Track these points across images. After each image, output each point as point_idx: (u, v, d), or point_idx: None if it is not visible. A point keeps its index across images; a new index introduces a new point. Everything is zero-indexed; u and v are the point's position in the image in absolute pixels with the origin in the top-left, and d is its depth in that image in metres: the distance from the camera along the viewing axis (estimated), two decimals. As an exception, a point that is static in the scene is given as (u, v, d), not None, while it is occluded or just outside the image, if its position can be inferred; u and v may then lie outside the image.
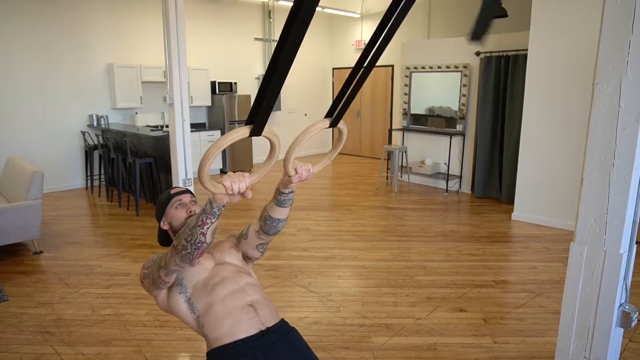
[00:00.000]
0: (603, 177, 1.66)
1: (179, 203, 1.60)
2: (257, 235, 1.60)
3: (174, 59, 4.60)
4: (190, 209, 1.59)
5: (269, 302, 1.56)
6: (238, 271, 1.58)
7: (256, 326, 1.44)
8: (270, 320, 1.49)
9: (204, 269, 1.55)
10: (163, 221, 1.62)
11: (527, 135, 5.21)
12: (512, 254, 4.40)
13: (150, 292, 1.54)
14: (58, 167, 6.72)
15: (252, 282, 1.58)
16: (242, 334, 1.41)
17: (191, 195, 1.66)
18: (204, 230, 1.25)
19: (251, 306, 1.47)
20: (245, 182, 1.16)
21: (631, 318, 1.71)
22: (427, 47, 7.06)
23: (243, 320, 1.43)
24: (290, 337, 1.50)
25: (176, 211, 1.59)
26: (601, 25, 1.61)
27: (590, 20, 4.47)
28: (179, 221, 1.58)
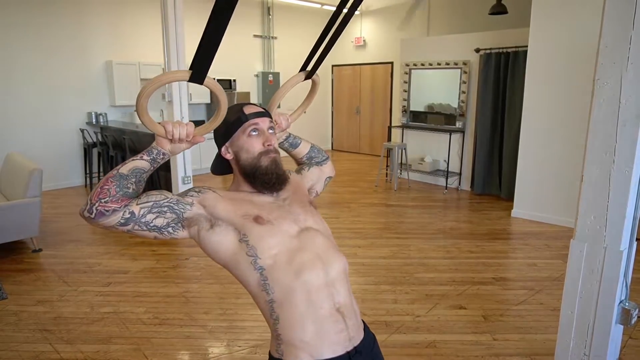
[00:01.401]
0: (603, 173, 1.66)
1: (254, 128, 1.20)
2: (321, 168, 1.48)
3: (172, 56, 4.59)
4: (268, 141, 1.20)
5: (354, 300, 1.23)
6: (329, 247, 1.20)
7: (343, 343, 1.13)
8: (357, 333, 1.19)
9: (285, 234, 1.15)
10: (226, 147, 1.22)
11: (526, 132, 5.20)
12: (511, 251, 4.40)
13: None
14: (57, 164, 6.71)
15: (342, 268, 1.20)
16: (327, 352, 1.10)
17: (270, 120, 1.25)
18: (127, 161, 1.06)
19: (340, 312, 1.14)
20: (187, 129, 1.07)
21: (631, 315, 1.71)
22: (426, 43, 7.04)
23: (329, 332, 1.11)
24: (372, 356, 1.23)
25: (249, 139, 1.19)
26: (602, 21, 1.60)
27: (590, 16, 4.45)
28: (250, 154, 1.19)
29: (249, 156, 1.19)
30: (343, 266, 1.21)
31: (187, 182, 4.83)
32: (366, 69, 9.60)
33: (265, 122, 1.21)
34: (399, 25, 8.71)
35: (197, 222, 1.12)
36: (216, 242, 1.12)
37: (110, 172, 1.05)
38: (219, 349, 2.74)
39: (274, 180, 1.19)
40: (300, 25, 9.49)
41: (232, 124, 1.20)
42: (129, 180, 1.04)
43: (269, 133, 1.21)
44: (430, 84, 6.94)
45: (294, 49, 9.52)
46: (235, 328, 2.94)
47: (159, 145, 1.09)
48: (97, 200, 1.00)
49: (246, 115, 1.20)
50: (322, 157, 1.49)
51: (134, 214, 1.04)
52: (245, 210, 1.15)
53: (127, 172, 1.04)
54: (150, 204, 1.07)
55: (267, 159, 1.19)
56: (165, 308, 3.21)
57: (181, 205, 1.11)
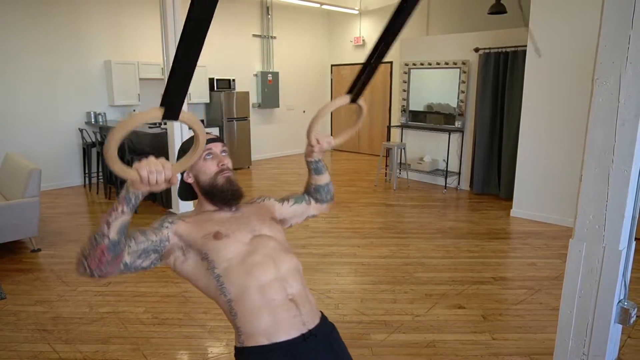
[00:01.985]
0: (602, 173, 1.66)
1: (208, 153, 1.35)
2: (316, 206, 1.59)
3: (171, 55, 4.58)
4: (222, 162, 1.36)
5: (308, 293, 1.36)
6: (280, 249, 1.35)
7: (298, 327, 1.25)
8: (312, 319, 1.31)
9: (237, 242, 1.30)
10: (187, 173, 1.38)
11: (526, 132, 5.20)
12: (510, 250, 4.40)
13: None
14: (56, 164, 6.70)
15: (295, 265, 1.35)
16: (282, 335, 1.23)
17: (223, 144, 1.41)
18: (111, 220, 1.05)
19: (293, 301, 1.27)
20: (165, 174, 1.01)
21: (630, 314, 1.71)
22: (425, 43, 7.04)
23: (284, 318, 1.24)
24: (331, 341, 1.35)
25: (205, 163, 1.34)
26: (601, 20, 1.60)
27: (589, 16, 4.45)
28: (208, 175, 1.34)
29: (206, 177, 1.35)
30: (294, 265, 1.35)
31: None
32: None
33: (217, 147, 1.39)
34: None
35: (172, 253, 1.29)
36: (188, 269, 1.30)
37: (101, 242, 1.07)
38: (218, 349, 2.74)
39: (229, 197, 1.35)
40: (299, 24, 9.49)
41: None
42: (120, 242, 1.11)
43: (222, 155, 1.38)
44: (430, 83, 6.94)
45: (293, 49, 9.52)
46: (235, 328, 2.94)
47: (136, 189, 1.05)
48: (97, 268, 1.10)
49: None
50: (326, 198, 1.59)
51: (127, 264, 1.18)
52: (206, 230, 1.30)
53: (117, 237, 1.09)
54: (139, 252, 1.20)
55: (222, 178, 1.35)
56: (164, 308, 3.20)
57: (163, 244, 1.26)
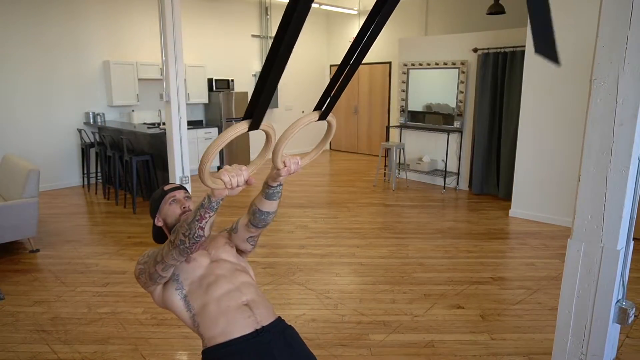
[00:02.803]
0: (600, 173, 1.66)
1: (172, 199, 1.61)
2: (247, 228, 1.60)
3: (170, 56, 4.58)
4: (184, 205, 1.60)
5: (265, 300, 1.56)
6: (233, 269, 1.58)
7: (251, 325, 1.43)
8: (266, 318, 1.49)
9: (199, 266, 1.54)
10: (157, 217, 1.63)
11: (524, 132, 5.21)
12: (509, 250, 4.40)
13: (146, 287, 1.54)
14: (54, 165, 6.70)
15: (247, 280, 1.57)
16: (237, 333, 1.41)
17: (185, 191, 1.67)
18: (202, 225, 1.25)
19: (247, 305, 1.47)
20: (243, 175, 1.15)
21: (628, 314, 1.71)
22: (424, 43, 7.04)
23: (238, 319, 1.43)
24: (286, 336, 1.50)
25: (170, 207, 1.60)
26: (599, 21, 1.60)
27: (587, 16, 4.46)
28: (173, 217, 1.59)
29: (172, 219, 1.59)
30: (247, 280, 1.57)
31: (186, 182, 4.82)
32: (364, 68, 9.60)
33: (180, 193, 1.63)
34: (397, 25, 8.71)
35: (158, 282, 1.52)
36: (165, 295, 1.53)
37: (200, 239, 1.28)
38: (217, 349, 2.73)
39: None
40: (298, 25, 9.47)
41: (157, 200, 1.63)
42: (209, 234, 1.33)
43: (184, 199, 1.62)
44: (428, 83, 6.95)
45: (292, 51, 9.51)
46: (233, 328, 2.94)
47: (218, 196, 1.22)
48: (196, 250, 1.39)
49: (165, 192, 1.63)
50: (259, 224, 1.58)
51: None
52: None
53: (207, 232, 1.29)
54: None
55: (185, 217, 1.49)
56: (163, 308, 3.19)
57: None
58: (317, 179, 7.58)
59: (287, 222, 5.18)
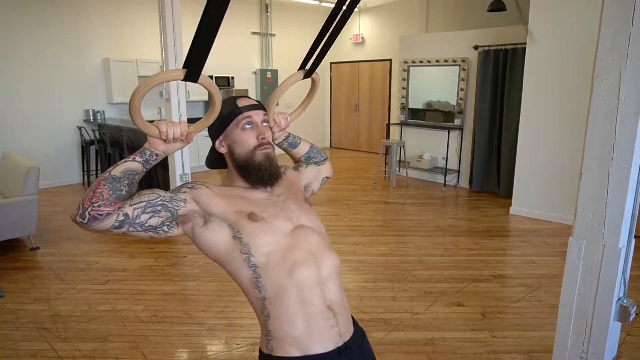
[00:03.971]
0: (602, 171, 1.65)
1: (247, 121, 1.18)
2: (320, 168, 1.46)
3: (170, 53, 4.57)
4: (262, 134, 1.18)
5: (344, 297, 1.23)
6: (323, 246, 1.20)
7: (334, 339, 1.13)
8: (348, 328, 1.19)
9: (278, 231, 1.14)
10: (220, 141, 1.21)
11: (525, 129, 5.20)
12: (510, 248, 4.40)
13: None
14: (54, 162, 6.69)
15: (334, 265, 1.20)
16: (316, 347, 1.11)
17: (264, 113, 1.23)
18: (119, 162, 1.04)
19: (330, 309, 1.14)
20: (181, 128, 1.07)
21: (629, 312, 1.71)
22: (425, 41, 7.02)
23: (320, 328, 1.12)
24: (362, 350, 1.23)
25: (243, 133, 1.18)
26: (601, 17, 1.59)
27: (589, 13, 4.45)
28: (245, 148, 1.17)
29: (242, 150, 1.18)
30: (336, 264, 1.21)
31: (186, 180, 4.82)
32: (364, 66, 9.58)
33: (259, 115, 1.20)
34: (398, 22, 8.69)
35: (190, 219, 1.11)
36: (210, 238, 1.11)
37: (102, 175, 1.02)
38: (217, 347, 2.73)
39: (267, 176, 1.19)
40: (298, 22, 9.46)
41: (226, 117, 1.19)
42: (121, 182, 1.02)
43: (263, 126, 1.20)
44: (429, 81, 6.93)
45: (292, 46, 9.50)
46: (234, 326, 2.94)
47: (152, 146, 1.08)
48: (90, 204, 0.99)
49: (239, 108, 1.18)
50: (320, 157, 1.48)
51: (128, 216, 1.02)
52: (239, 206, 1.14)
53: (119, 175, 1.02)
54: (143, 204, 1.05)
55: (261, 154, 1.18)
56: (163, 306, 3.20)
57: (175, 203, 1.10)
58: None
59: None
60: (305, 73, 1.28)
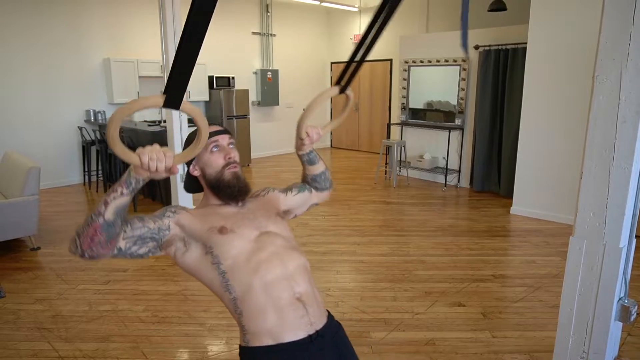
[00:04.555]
0: (603, 170, 1.65)
1: (215, 145, 1.31)
2: (317, 195, 1.55)
3: (171, 53, 4.57)
4: (229, 155, 1.31)
5: (316, 292, 1.32)
6: (287, 247, 1.31)
7: (305, 328, 1.22)
8: (319, 319, 1.28)
9: (243, 238, 1.26)
10: (193, 165, 1.34)
11: (526, 129, 5.20)
12: (510, 248, 4.40)
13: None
14: (55, 162, 6.70)
15: (302, 264, 1.31)
16: (288, 336, 1.20)
17: (230, 136, 1.36)
18: (109, 200, 1.04)
19: (300, 301, 1.24)
20: (166, 162, 1.01)
21: (630, 312, 1.71)
22: (425, 40, 7.02)
23: (291, 318, 1.21)
24: (338, 341, 1.32)
25: (212, 155, 1.30)
26: (602, 16, 1.59)
27: (590, 13, 4.44)
28: (215, 169, 1.30)
29: (213, 170, 1.31)
30: (302, 263, 1.31)
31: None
32: (365, 66, 9.47)
33: (224, 139, 1.34)
34: (398, 22, 8.68)
35: (173, 243, 1.24)
36: (189, 258, 1.25)
37: (97, 220, 1.05)
38: (217, 347, 2.74)
39: (236, 192, 1.32)
40: (299, 22, 9.46)
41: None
42: (115, 224, 1.08)
43: (229, 148, 1.34)
44: (429, 81, 6.93)
45: (292, 46, 9.51)
46: (234, 326, 2.93)
47: (137, 174, 1.05)
48: (89, 247, 1.06)
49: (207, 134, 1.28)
50: (325, 185, 1.56)
51: (121, 249, 1.14)
52: (212, 223, 1.27)
53: (112, 217, 1.06)
54: (135, 239, 1.16)
55: (229, 173, 1.31)
56: (164, 306, 3.20)
57: (162, 233, 1.21)
58: (318, 176, 7.58)
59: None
60: (341, 88, 1.31)
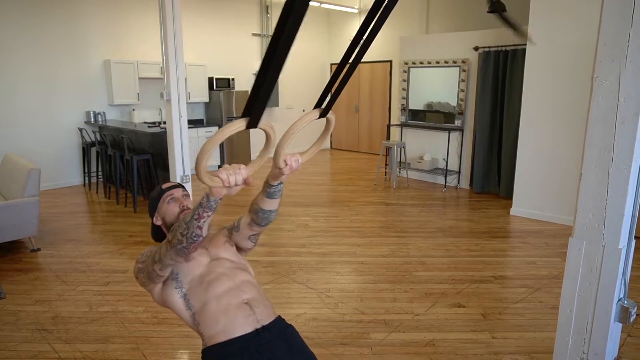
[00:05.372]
0: (602, 171, 1.65)
1: (170, 198, 1.60)
2: (249, 227, 1.60)
3: (171, 54, 4.57)
4: (182, 204, 1.59)
5: (265, 299, 1.55)
6: (234, 267, 1.57)
7: (252, 324, 1.44)
8: (267, 318, 1.49)
9: (199, 265, 1.54)
10: (156, 216, 1.61)
11: (525, 130, 5.20)
12: (510, 249, 4.40)
13: (145, 286, 1.54)
14: (55, 164, 6.70)
15: (248, 279, 1.57)
16: (238, 332, 1.41)
17: (183, 189, 1.65)
18: (201, 224, 1.24)
19: (247, 304, 1.47)
20: (242, 174, 1.13)
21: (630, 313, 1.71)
22: (425, 42, 7.03)
23: (239, 318, 1.43)
24: (286, 335, 1.51)
25: (168, 206, 1.59)
26: (600, 18, 1.60)
27: (589, 14, 4.45)
28: (172, 216, 1.57)
29: (171, 218, 1.57)
30: (248, 279, 1.56)
31: (186, 182, 4.82)
32: (365, 67, 9.59)
33: (178, 191, 1.62)
34: (398, 23, 8.69)
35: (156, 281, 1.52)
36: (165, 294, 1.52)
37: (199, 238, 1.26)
38: (217, 348, 2.73)
39: None
40: (298, 23, 9.46)
41: (155, 198, 1.61)
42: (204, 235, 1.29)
43: (183, 198, 1.60)
44: (429, 82, 6.93)
45: (292, 48, 9.49)
46: (234, 327, 2.94)
47: (216, 195, 1.19)
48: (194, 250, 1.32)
49: (163, 190, 1.60)
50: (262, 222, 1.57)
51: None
52: None
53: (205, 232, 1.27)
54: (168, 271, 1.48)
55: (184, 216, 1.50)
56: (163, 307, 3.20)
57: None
58: (317, 177, 7.58)
59: (287, 220, 5.17)
60: (321, 112, 1.23)
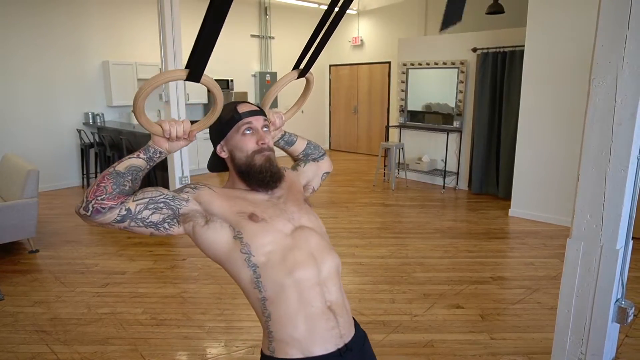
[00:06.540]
0: (599, 173, 1.66)
1: (248, 127, 1.19)
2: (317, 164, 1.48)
3: (169, 56, 4.58)
4: (262, 140, 1.20)
5: (345, 298, 1.23)
6: (323, 247, 1.20)
7: (334, 341, 1.13)
8: (348, 330, 1.19)
9: (278, 232, 1.15)
10: (222, 146, 1.23)
11: (524, 131, 5.21)
12: (509, 250, 4.41)
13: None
14: (54, 165, 6.69)
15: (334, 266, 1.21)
16: (317, 349, 1.11)
17: (264, 118, 1.24)
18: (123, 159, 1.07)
19: (331, 310, 1.14)
20: (184, 126, 1.10)
21: (627, 313, 1.72)
22: (423, 43, 7.04)
23: (321, 329, 1.12)
24: (363, 352, 1.23)
25: (243, 138, 1.19)
26: (597, 20, 1.61)
27: (586, 16, 4.46)
28: (245, 153, 1.19)
29: (243, 155, 1.19)
30: (336, 265, 1.21)
31: (185, 182, 4.82)
32: (364, 68, 9.60)
33: (259, 121, 1.21)
34: (397, 25, 8.71)
35: (192, 218, 1.12)
36: (211, 238, 1.12)
37: (107, 170, 1.05)
38: (216, 349, 2.74)
39: (268, 179, 1.20)
40: (297, 25, 9.48)
41: (226, 123, 1.20)
42: (125, 177, 1.05)
43: (263, 131, 1.21)
44: (428, 83, 6.95)
45: (291, 49, 9.50)
46: (233, 328, 2.94)
47: (156, 144, 1.11)
48: (94, 197, 1.01)
49: (240, 114, 1.20)
50: (318, 153, 1.50)
51: (130, 211, 1.04)
52: (240, 207, 1.15)
53: (123, 170, 1.05)
54: (146, 200, 1.07)
55: (261, 158, 1.19)
56: (162, 309, 3.20)
57: (177, 202, 1.12)
58: (316, 178, 7.58)
59: (286, 222, 5.17)
60: (300, 72, 1.29)
